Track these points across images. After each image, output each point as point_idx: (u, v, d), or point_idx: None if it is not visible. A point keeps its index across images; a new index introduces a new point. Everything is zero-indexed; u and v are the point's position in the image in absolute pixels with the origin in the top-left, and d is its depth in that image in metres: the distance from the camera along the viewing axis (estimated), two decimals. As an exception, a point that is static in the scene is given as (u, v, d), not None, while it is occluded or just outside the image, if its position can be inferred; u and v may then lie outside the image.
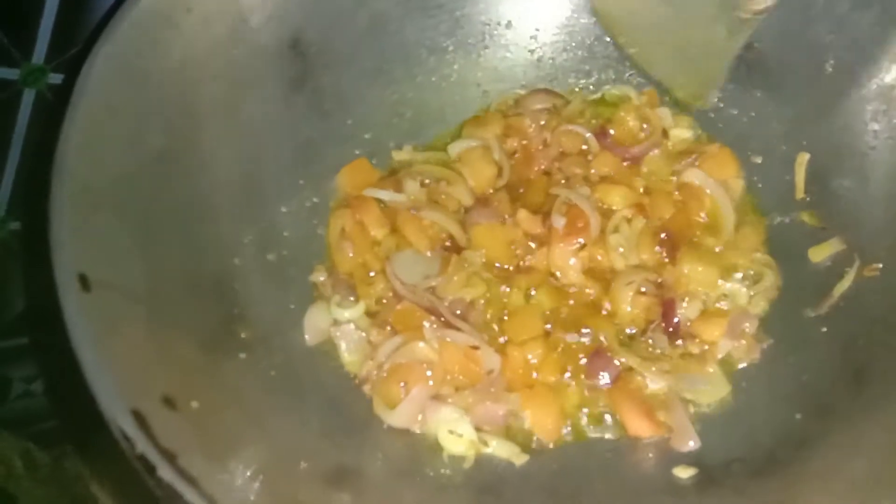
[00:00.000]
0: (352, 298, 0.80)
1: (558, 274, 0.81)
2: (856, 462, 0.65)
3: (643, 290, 0.80)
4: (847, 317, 0.75)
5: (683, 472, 0.71)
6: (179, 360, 0.66)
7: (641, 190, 0.85)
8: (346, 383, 0.77)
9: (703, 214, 0.84)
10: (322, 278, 0.82)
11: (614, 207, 0.83)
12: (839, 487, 0.65)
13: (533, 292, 0.80)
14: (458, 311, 0.79)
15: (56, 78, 0.90)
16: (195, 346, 0.68)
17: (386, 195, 0.84)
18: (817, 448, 0.68)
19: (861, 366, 0.72)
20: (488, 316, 0.79)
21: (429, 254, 0.82)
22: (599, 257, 0.81)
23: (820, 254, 0.80)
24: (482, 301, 0.80)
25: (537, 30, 0.92)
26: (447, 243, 0.83)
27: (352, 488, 0.67)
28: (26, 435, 1.04)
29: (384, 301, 0.80)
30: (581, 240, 0.81)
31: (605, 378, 0.76)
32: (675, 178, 0.86)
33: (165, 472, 0.56)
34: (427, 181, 0.86)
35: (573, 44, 0.92)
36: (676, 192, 0.85)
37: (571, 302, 0.81)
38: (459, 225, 0.83)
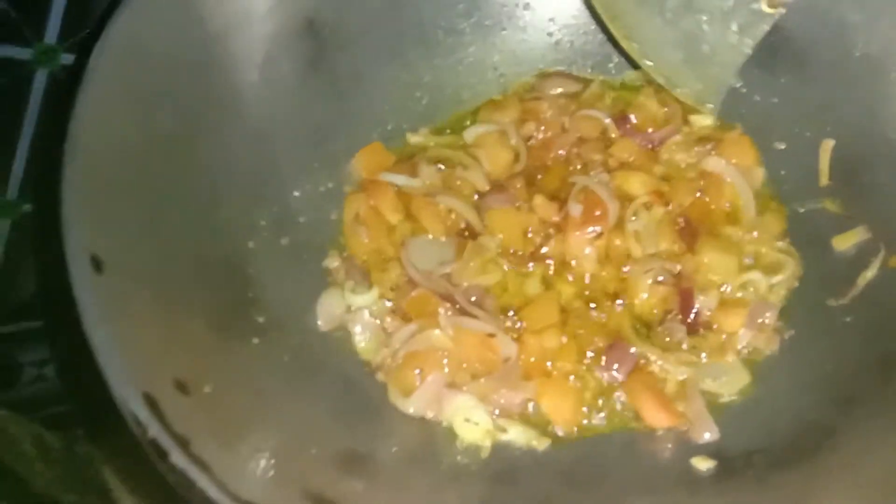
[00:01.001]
0: (366, 284, 0.79)
1: (573, 263, 0.80)
2: (880, 454, 0.64)
3: (661, 279, 0.78)
4: (871, 306, 0.74)
5: (702, 463, 0.70)
6: (192, 344, 0.65)
7: (661, 177, 0.84)
8: (359, 369, 0.76)
9: (723, 202, 0.82)
10: (336, 264, 0.81)
11: (633, 194, 0.82)
12: (863, 479, 0.63)
13: (549, 280, 0.79)
14: (474, 298, 0.77)
15: (68, 58, 0.90)
16: (208, 329, 0.67)
17: (401, 180, 0.83)
18: (841, 439, 0.67)
19: (886, 356, 0.71)
20: (505, 303, 0.78)
21: (444, 239, 0.81)
22: (618, 242, 0.80)
23: (844, 242, 0.78)
24: (498, 288, 0.79)
25: (556, 12, 0.91)
26: (462, 229, 0.82)
27: (365, 474, 0.66)
28: (37, 419, 1.04)
29: (399, 287, 0.79)
30: (598, 228, 0.79)
31: (621, 370, 0.75)
32: (695, 165, 0.84)
33: (178, 458, 0.55)
34: (442, 166, 0.85)
35: (592, 26, 0.90)
36: (697, 180, 0.83)
37: (588, 291, 0.79)
38: (475, 210, 0.82)
